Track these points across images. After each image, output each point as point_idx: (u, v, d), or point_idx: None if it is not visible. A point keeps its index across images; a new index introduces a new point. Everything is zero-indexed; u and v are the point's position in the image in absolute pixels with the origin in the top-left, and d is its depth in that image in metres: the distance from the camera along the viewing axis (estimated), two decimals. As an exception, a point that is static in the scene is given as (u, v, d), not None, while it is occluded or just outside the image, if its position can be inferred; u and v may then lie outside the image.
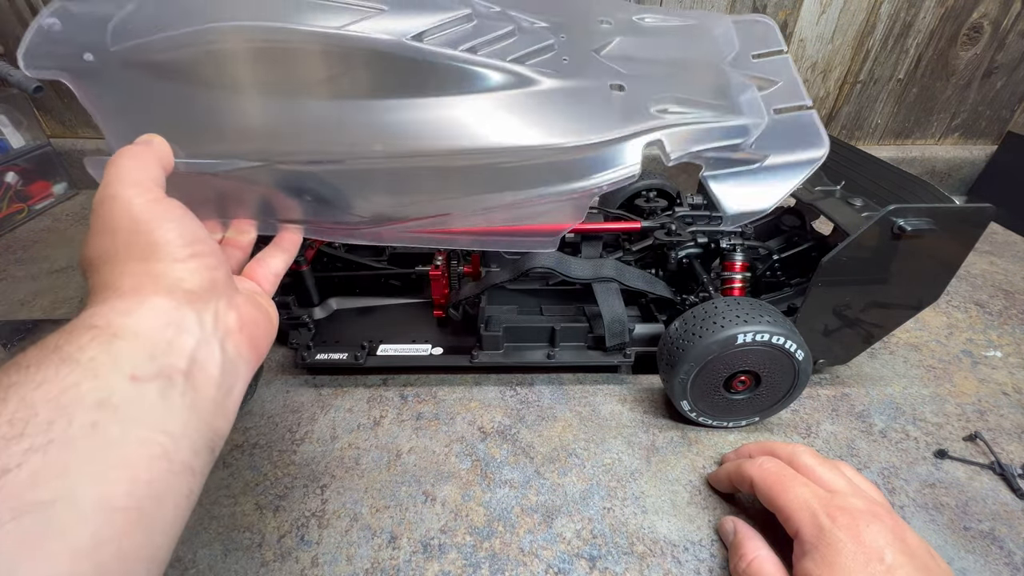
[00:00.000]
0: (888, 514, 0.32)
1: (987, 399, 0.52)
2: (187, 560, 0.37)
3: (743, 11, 0.82)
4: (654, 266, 0.56)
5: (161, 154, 0.26)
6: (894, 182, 0.48)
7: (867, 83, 0.91)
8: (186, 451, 0.21)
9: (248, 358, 0.26)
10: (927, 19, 0.85)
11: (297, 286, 0.55)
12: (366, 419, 0.48)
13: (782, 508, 0.33)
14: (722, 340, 0.40)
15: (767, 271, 0.55)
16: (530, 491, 0.42)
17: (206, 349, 0.23)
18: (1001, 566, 0.37)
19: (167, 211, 0.24)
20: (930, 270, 0.43)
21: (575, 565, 0.37)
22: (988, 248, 0.81)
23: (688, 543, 0.38)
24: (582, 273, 0.49)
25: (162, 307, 0.22)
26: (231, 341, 0.25)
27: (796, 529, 0.32)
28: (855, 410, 0.50)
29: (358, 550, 0.38)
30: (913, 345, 0.59)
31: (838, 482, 0.34)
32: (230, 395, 0.24)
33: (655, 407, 0.50)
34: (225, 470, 0.43)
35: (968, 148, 0.99)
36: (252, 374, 0.27)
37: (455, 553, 0.37)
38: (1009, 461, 0.45)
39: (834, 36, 0.86)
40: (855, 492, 0.34)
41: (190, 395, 0.21)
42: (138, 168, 0.25)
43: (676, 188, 0.64)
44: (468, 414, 0.49)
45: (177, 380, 0.21)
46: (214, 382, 0.23)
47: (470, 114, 0.34)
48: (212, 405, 0.23)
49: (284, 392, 0.51)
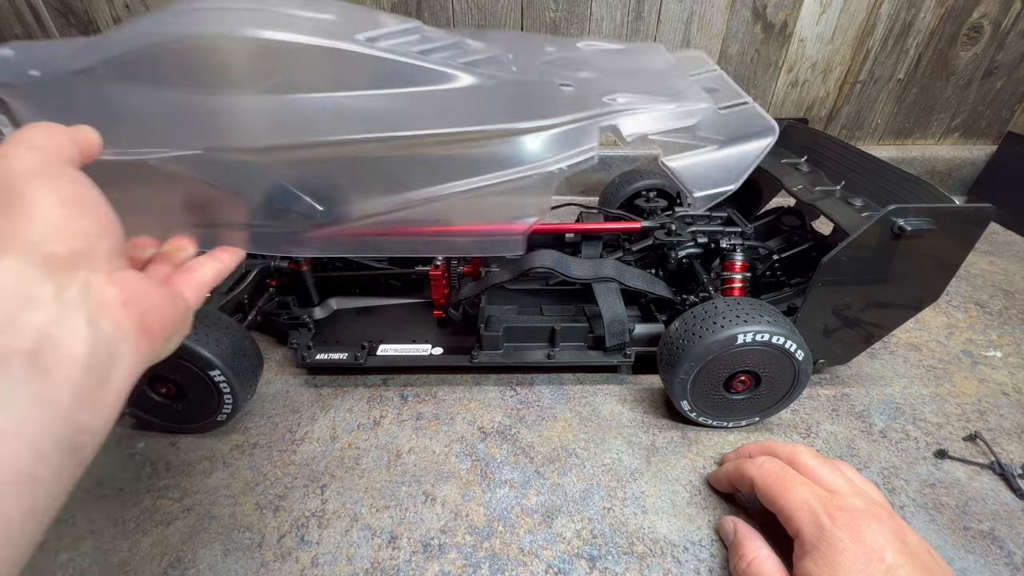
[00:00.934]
0: (888, 514, 0.32)
1: (987, 399, 0.52)
2: (187, 560, 0.37)
3: (743, 12, 0.82)
4: (654, 266, 0.56)
5: (80, 136, 0.23)
6: (894, 182, 0.48)
7: (867, 83, 0.91)
8: (23, 455, 0.17)
9: (134, 341, 0.21)
10: (927, 19, 0.85)
11: (297, 286, 0.55)
12: (366, 419, 0.48)
13: (783, 508, 0.33)
14: (722, 340, 0.40)
15: (767, 271, 0.55)
16: (530, 491, 0.42)
17: (65, 326, 0.19)
18: (1001, 566, 0.37)
19: (56, 170, 0.21)
20: (930, 270, 0.43)
21: (575, 565, 0.37)
22: (988, 248, 0.81)
23: (688, 543, 0.38)
24: (582, 273, 0.49)
25: (8, 271, 0.18)
26: (108, 318, 0.20)
27: (797, 529, 0.32)
28: (855, 410, 0.50)
29: (358, 550, 0.38)
30: (913, 345, 0.59)
31: (838, 482, 0.34)
32: (106, 384, 0.20)
33: (655, 407, 0.50)
34: (225, 470, 0.43)
35: (968, 148, 0.99)
36: (144, 362, 0.22)
37: (455, 553, 0.37)
38: (1009, 461, 0.45)
39: (834, 36, 0.86)
40: (855, 492, 0.34)
41: (36, 383, 0.17)
42: (43, 136, 0.22)
43: (676, 188, 0.64)
44: (468, 414, 0.49)
45: (15, 364, 0.17)
46: (78, 365, 0.19)
47: (418, 104, 0.34)
48: (74, 394, 0.18)
49: (284, 392, 0.51)
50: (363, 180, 0.36)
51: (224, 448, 0.45)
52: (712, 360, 0.42)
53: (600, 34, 0.83)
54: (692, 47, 0.85)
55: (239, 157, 0.33)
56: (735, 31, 0.85)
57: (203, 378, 0.41)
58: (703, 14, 0.82)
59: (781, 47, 0.86)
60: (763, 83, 0.90)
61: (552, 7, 0.80)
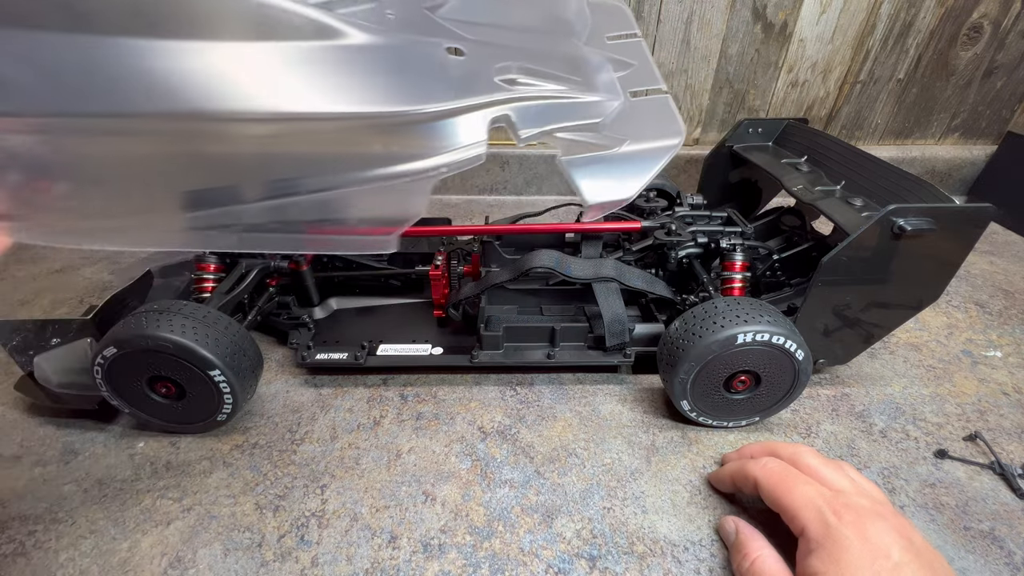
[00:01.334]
0: (893, 514, 0.32)
1: (987, 399, 0.52)
2: (187, 560, 0.37)
3: (743, 12, 0.83)
4: (654, 266, 0.56)
5: None
6: (894, 182, 0.48)
7: (867, 83, 0.91)
8: None
9: None
10: (927, 19, 0.85)
11: (297, 286, 0.55)
12: (366, 419, 0.48)
13: (787, 507, 0.33)
14: (722, 340, 0.40)
15: (767, 271, 0.55)
16: (530, 491, 0.42)
17: None
18: (1001, 566, 0.37)
19: None
20: (930, 270, 0.43)
21: (575, 565, 0.37)
22: (988, 248, 0.81)
23: (688, 543, 0.38)
24: (582, 273, 0.49)
25: None
26: None
27: (802, 527, 0.32)
28: (855, 410, 0.50)
29: (358, 550, 0.38)
30: (913, 345, 0.59)
31: (842, 482, 0.34)
32: None
33: (655, 407, 0.50)
34: (225, 470, 0.43)
35: (968, 148, 0.99)
36: None
37: (455, 553, 0.37)
38: (1009, 461, 0.45)
39: (834, 36, 0.86)
40: (859, 492, 0.34)
41: None
42: None
43: (676, 188, 0.64)
44: (468, 414, 0.49)
45: None
46: None
47: (246, 67, 0.25)
48: None
49: (284, 392, 0.51)
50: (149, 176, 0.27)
51: (224, 448, 0.45)
52: (712, 360, 0.42)
53: (600, 34, 0.83)
54: (692, 47, 0.85)
55: None
56: (735, 31, 0.85)
57: (203, 378, 0.41)
58: (703, 14, 0.83)
59: (781, 47, 0.86)
60: (763, 83, 0.90)
61: (552, 7, 0.80)
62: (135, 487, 0.42)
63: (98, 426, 0.47)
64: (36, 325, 0.45)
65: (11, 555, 0.37)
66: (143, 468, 0.43)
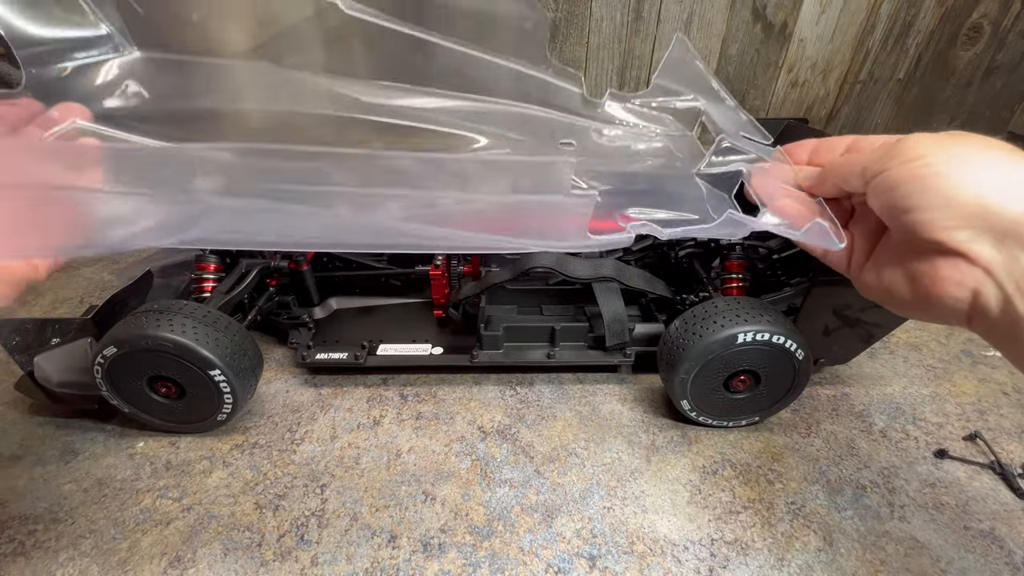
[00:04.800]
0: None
1: (987, 399, 0.52)
2: (187, 560, 0.37)
3: (743, 12, 0.83)
4: (654, 266, 0.56)
5: None
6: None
7: (867, 83, 0.91)
8: None
9: None
10: (927, 19, 0.85)
11: (297, 286, 0.55)
12: (366, 419, 0.48)
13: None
14: (722, 339, 0.40)
15: (767, 271, 0.55)
16: (530, 490, 0.42)
17: None
18: (1001, 566, 0.37)
19: None
20: (930, 270, 0.43)
21: (575, 564, 0.37)
22: (988, 248, 0.81)
23: (688, 542, 0.38)
24: (582, 272, 0.49)
25: None
26: None
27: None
28: (855, 410, 0.50)
29: (358, 549, 0.38)
30: (913, 345, 0.59)
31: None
32: None
33: (655, 407, 0.50)
34: (225, 470, 0.43)
35: (968, 148, 0.99)
36: None
37: (455, 552, 0.37)
38: (1009, 461, 0.45)
39: (834, 36, 0.86)
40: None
41: None
42: None
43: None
44: (468, 413, 0.49)
45: None
46: None
47: None
48: None
49: (284, 392, 0.51)
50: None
51: (224, 448, 0.45)
52: (712, 359, 0.42)
53: (600, 34, 0.83)
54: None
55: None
56: (735, 31, 0.85)
57: (203, 378, 0.41)
58: (703, 14, 0.83)
59: (781, 47, 0.86)
60: (763, 83, 0.90)
61: (552, 7, 0.80)
62: (135, 487, 0.42)
63: (98, 426, 0.47)
64: (36, 325, 0.45)
65: (11, 555, 0.37)
66: (143, 468, 0.43)
